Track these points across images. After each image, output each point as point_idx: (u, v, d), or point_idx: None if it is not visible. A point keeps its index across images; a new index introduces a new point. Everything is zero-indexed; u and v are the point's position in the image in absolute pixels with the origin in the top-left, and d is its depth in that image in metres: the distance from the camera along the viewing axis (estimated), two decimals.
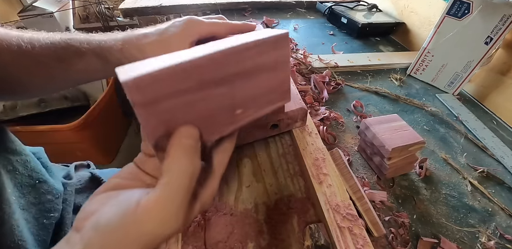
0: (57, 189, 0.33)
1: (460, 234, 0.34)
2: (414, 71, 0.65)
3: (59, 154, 0.99)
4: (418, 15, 0.76)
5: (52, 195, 0.32)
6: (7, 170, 0.28)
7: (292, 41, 0.71)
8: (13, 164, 0.29)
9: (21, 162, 0.30)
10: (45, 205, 0.31)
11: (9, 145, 0.29)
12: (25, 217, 0.29)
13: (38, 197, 0.31)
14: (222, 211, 0.32)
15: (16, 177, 0.29)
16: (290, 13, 0.94)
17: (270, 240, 0.29)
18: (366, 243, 0.27)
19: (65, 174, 0.40)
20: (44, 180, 0.32)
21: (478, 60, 0.54)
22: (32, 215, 0.30)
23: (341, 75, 0.61)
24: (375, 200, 0.36)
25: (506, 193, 0.40)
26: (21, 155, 0.30)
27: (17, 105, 0.98)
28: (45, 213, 0.31)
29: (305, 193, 0.34)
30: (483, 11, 0.51)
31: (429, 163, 0.43)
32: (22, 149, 0.31)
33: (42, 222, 0.30)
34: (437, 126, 0.51)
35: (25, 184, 0.30)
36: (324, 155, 0.36)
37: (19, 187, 0.29)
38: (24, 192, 0.30)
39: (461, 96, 0.60)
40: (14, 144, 0.30)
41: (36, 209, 0.30)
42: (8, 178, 0.28)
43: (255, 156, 0.38)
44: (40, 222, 0.30)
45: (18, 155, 0.30)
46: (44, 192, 0.32)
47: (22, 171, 0.30)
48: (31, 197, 0.30)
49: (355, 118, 0.50)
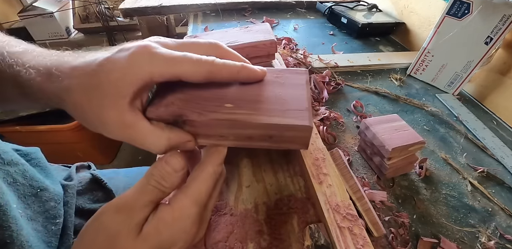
0: (57, 195, 0.33)
1: (460, 234, 0.34)
2: (414, 71, 0.65)
3: (59, 154, 0.99)
4: (418, 15, 0.76)
5: (55, 202, 0.32)
6: (8, 183, 0.28)
7: (292, 41, 0.71)
8: (13, 176, 0.28)
9: (19, 173, 0.29)
10: (50, 212, 0.31)
11: (4, 156, 0.28)
12: (35, 227, 0.28)
13: (42, 206, 0.31)
14: (222, 211, 0.32)
15: (18, 189, 0.29)
16: (290, 13, 0.94)
17: (270, 240, 0.29)
18: (366, 243, 0.27)
19: (66, 176, 0.40)
20: (44, 187, 0.32)
21: (478, 60, 0.54)
22: (41, 224, 0.29)
23: (341, 75, 0.61)
24: (375, 200, 0.36)
25: (506, 193, 0.40)
26: (18, 165, 0.29)
27: None
28: (52, 220, 0.31)
29: (305, 193, 0.34)
30: (483, 11, 0.51)
31: (429, 163, 0.43)
32: (18, 159, 0.30)
33: (51, 229, 0.30)
34: (437, 126, 0.51)
35: (28, 194, 0.29)
36: (324, 155, 0.36)
37: (23, 198, 0.29)
38: (28, 202, 0.29)
39: (461, 96, 0.60)
40: (8, 154, 0.29)
41: (43, 217, 0.30)
42: (11, 191, 0.27)
43: (255, 156, 0.38)
44: (49, 229, 0.30)
45: (15, 165, 0.29)
46: (47, 200, 0.31)
47: (22, 181, 0.29)
48: (36, 207, 0.30)
49: (355, 118, 0.50)
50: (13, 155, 0.30)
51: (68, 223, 0.33)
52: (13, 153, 0.30)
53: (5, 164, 0.28)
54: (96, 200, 0.41)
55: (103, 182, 0.43)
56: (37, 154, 0.35)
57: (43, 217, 0.30)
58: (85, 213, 0.38)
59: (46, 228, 0.30)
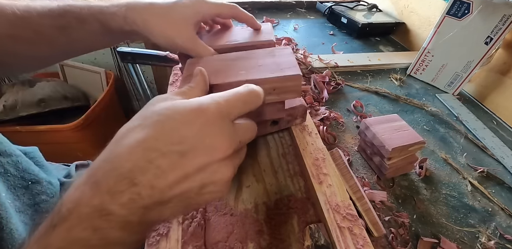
0: (51, 189, 0.33)
1: (460, 234, 0.34)
2: (414, 71, 0.65)
3: (59, 154, 0.99)
4: (418, 15, 0.76)
5: (47, 195, 0.32)
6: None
7: (292, 41, 0.71)
8: (4, 166, 0.28)
9: (12, 164, 0.29)
10: (41, 206, 0.31)
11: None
12: (22, 220, 0.28)
13: (32, 198, 0.30)
14: (222, 211, 0.32)
15: (8, 180, 0.28)
16: (290, 13, 0.94)
17: (270, 240, 0.29)
18: (366, 243, 0.27)
19: (65, 174, 0.40)
20: (37, 180, 0.31)
21: (478, 60, 0.54)
22: (29, 216, 0.29)
23: (341, 75, 0.61)
24: (375, 200, 0.36)
25: (506, 193, 0.40)
26: (11, 156, 0.30)
27: (17, 105, 0.97)
28: (42, 214, 0.31)
29: (305, 193, 0.34)
30: (483, 11, 0.51)
31: (429, 163, 0.43)
32: (12, 150, 0.30)
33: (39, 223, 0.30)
34: (437, 126, 0.51)
35: (18, 186, 0.29)
36: (324, 155, 0.36)
37: (12, 190, 0.29)
38: (18, 194, 0.29)
39: (461, 96, 0.60)
40: (2, 145, 0.29)
41: (32, 210, 0.30)
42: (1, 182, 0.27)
43: (255, 156, 0.38)
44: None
45: (8, 156, 0.29)
46: (38, 193, 0.31)
47: (14, 172, 0.29)
48: (26, 199, 0.30)
49: (355, 118, 0.50)
50: (7, 146, 0.30)
51: None
52: (8, 144, 0.30)
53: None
54: None
55: None
56: (35, 153, 0.35)
57: (32, 210, 0.30)
58: None
59: (34, 222, 0.29)
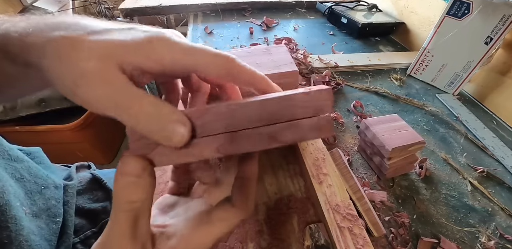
0: (57, 193, 0.33)
1: (460, 234, 0.34)
2: (414, 71, 0.65)
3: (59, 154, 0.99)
4: (418, 15, 0.76)
5: (55, 200, 0.32)
6: (16, 179, 0.28)
7: (292, 41, 0.71)
8: (20, 172, 0.29)
9: (25, 169, 0.30)
10: (52, 211, 0.31)
11: (11, 153, 0.29)
12: (38, 224, 0.29)
13: (45, 203, 0.31)
14: None
15: (25, 185, 0.29)
16: (290, 13, 0.94)
17: (270, 240, 0.29)
18: (366, 243, 0.27)
19: (66, 176, 0.40)
20: (46, 185, 0.32)
21: (478, 60, 0.54)
22: (43, 221, 0.30)
23: (341, 75, 0.61)
24: (375, 200, 0.36)
25: (506, 193, 0.40)
26: (23, 161, 0.30)
27: (17, 105, 0.97)
28: (52, 218, 0.31)
29: (305, 193, 0.34)
30: (483, 11, 0.51)
31: (429, 163, 0.43)
32: (22, 156, 0.31)
33: (52, 227, 0.30)
34: (437, 126, 0.51)
35: (34, 190, 0.30)
36: (324, 155, 0.36)
37: (29, 195, 0.29)
38: (35, 199, 0.29)
39: (461, 96, 0.60)
40: (14, 151, 0.30)
41: (45, 215, 0.30)
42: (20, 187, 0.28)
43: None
44: (51, 227, 0.30)
45: (20, 162, 0.30)
46: (49, 198, 0.32)
47: (29, 178, 0.30)
48: (41, 203, 0.30)
49: (355, 118, 0.50)
50: (17, 152, 0.30)
51: (68, 222, 0.33)
52: (17, 150, 0.31)
53: (12, 160, 0.29)
54: (96, 200, 0.41)
55: (103, 182, 0.43)
56: (39, 153, 0.35)
57: (45, 214, 0.30)
58: (85, 213, 0.38)
59: (48, 226, 0.30)
